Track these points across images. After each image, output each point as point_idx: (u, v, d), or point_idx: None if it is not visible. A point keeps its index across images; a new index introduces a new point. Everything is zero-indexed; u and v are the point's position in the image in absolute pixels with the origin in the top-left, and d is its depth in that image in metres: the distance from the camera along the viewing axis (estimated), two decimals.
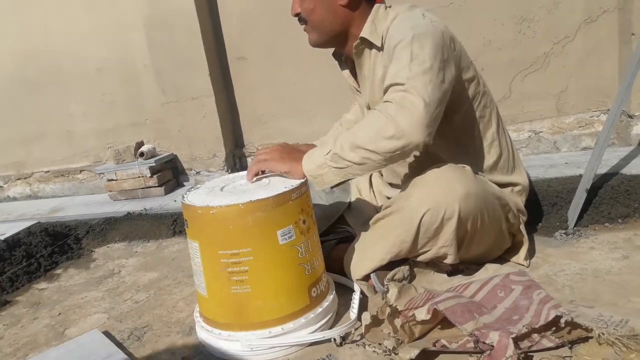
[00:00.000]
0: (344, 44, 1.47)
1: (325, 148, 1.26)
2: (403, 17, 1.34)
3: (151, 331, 1.47)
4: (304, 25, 1.46)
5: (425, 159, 1.41)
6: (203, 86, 2.93)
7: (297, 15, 1.44)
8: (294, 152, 1.34)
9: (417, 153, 1.46)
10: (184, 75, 2.95)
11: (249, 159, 3.16)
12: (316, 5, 1.40)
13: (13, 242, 2.32)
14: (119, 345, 1.39)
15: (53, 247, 2.29)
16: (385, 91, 1.24)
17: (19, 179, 3.59)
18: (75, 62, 3.23)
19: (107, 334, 1.46)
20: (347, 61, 1.55)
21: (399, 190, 1.60)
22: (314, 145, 1.68)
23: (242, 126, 3.15)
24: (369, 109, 1.51)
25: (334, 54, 1.58)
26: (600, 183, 1.85)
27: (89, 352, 1.34)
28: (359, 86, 1.55)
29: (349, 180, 1.27)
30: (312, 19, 1.42)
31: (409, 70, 1.19)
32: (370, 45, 1.41)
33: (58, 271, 2.13)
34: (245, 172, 1.43)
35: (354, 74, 1.55)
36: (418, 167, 1.38)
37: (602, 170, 1.98)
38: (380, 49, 1.38)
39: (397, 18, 1.35)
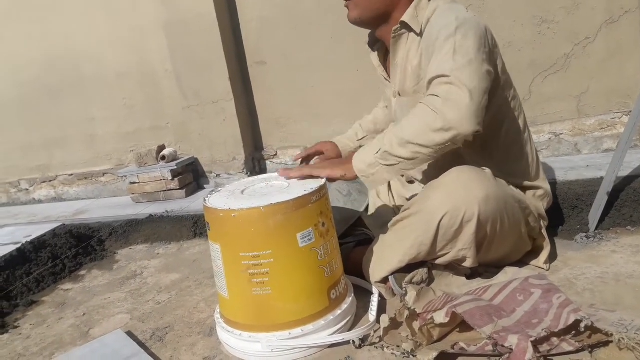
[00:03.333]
0: (382, 26, 1.48)
1: (375, 147, 1.27)
2: (445, 8, 1.35)
3: (173, 332, 1.50)
4: (345, 1, 1.46)
5: (447, 160, 1.40)
6: (223, 90, 2.97)
7: None
8: (342, 160, 1.44)
9: None
10: (204, 80, 2.99)
11: (268, 162, 3.19)
12: None
13: (39, 244, 2.38)
14: (142, 345, 1.42)
15: (77, 248, 2.34)
16: (429, 84, 1.24)
17: (44, 182, 3.67)
18: (96, 67, 3.29)
19: (130, 334, 1.49)
20: (381, 49, 1.56)
21: (418, 189, 1.60)
22: (334, 145, 1.69)
23: (261, 129, 3.18)
24: (400, 96, 1.51)
25: (369, 43, 1.59)
26: (622, 186, 1.83)
27: (113, 352, 1.37)
28: (388, 75, 1.56)
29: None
30: None
31: (453, 62, 1.20)
32: (409, 30, 1.42)
33: (82, 272, 2.18)
34: (266, 175, 1.46)
35: (383, 63, 1.57)
36: (440, 166, 1.38)
37: (624, 172, 1.96)
38: (418, 35, 1.39)
39: (438, 9, 1.36)
